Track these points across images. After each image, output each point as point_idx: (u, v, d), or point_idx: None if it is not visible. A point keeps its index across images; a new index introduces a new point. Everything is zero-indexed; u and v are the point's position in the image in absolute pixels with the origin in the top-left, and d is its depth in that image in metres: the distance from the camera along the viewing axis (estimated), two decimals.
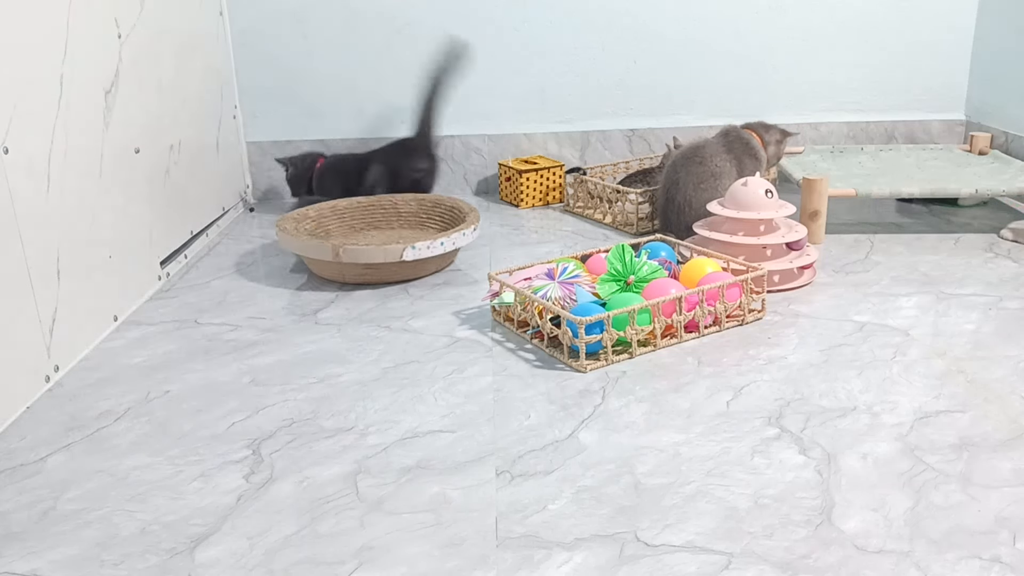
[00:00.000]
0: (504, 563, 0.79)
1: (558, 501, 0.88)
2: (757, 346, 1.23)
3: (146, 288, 1.48)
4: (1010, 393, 1.07)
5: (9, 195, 1.07)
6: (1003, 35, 2.00)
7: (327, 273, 1.51)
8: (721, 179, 1.59)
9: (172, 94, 1.63)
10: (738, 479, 0.90)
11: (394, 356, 1.22)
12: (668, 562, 0.78)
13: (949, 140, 2.15)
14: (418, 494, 0.89)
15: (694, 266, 1.32)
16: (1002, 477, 0.90)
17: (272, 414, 1.07)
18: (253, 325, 1.34)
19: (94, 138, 1.31)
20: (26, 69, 1.13)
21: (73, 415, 1.08)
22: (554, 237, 1.75)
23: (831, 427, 1.00)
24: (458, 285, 1.50)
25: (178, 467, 0.96)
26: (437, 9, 2.01)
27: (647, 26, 2.06)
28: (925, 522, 0.83)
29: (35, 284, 1.12)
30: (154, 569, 0.79)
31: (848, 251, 1.62)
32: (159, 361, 1.23)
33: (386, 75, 2.04)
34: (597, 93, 2.10)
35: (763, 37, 2.07)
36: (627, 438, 0.99)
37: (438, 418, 1.05)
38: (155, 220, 1.52)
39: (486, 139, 2.09)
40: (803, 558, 0.78)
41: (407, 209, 1.73)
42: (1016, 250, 1.60)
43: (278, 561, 0.80)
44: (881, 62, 2.11)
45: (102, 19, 1.35)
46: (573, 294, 1.25)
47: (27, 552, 0.82)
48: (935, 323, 1.28)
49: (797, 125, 2.12)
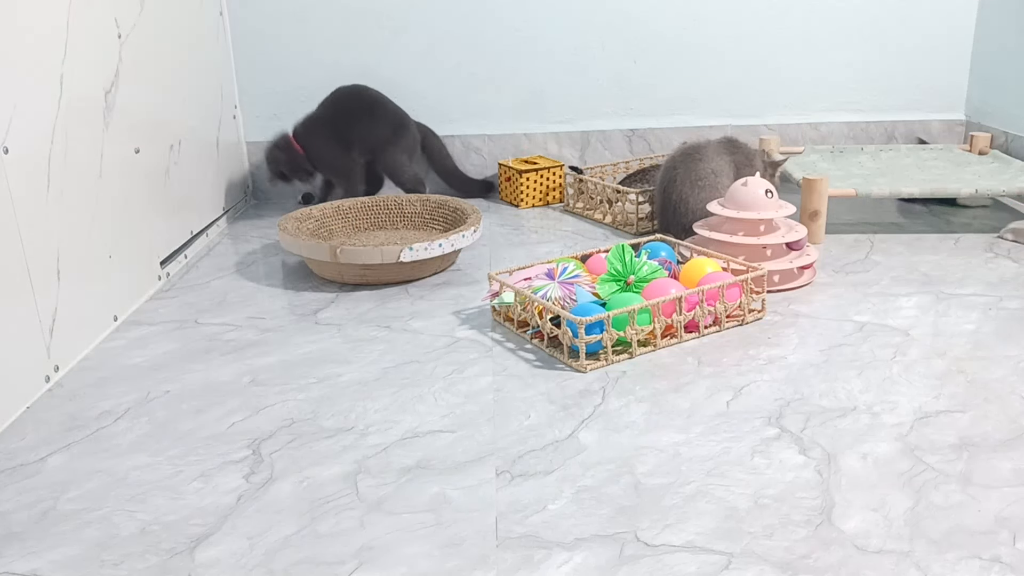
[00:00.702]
0: (504, 563, 0.79)
1: (558, 501, 0.88)
2: (757, 346, 1.23)
3: (146, 288, 1.48)
4: (1010, 393, 1.07)
5: (9, 195, 1.07)
6: (1003, 35, 2.00)
7: (327, 273, 1.51)
8: (719, 178, 1.59)
9: (172, 94, 1.63)
10: (738, 479, 0.90)
11: (394, 356, 1.22)
12: (668, 562, 0.78)
13: (949, 140, 2.16)
14: (418, 494, 0.89)
15: (694, 266, 1.32)
16: (1002, 477, 0.90)
17: (272, 414, 1.07)
18: (253, 325, 1.34)
19: (94, 138, 1.31)
20: (26, 69, 1.13)
21: (73, 415, 1.08)
22: (554, 237, 1.75)
23: (831, 427, 1.00)
24: (458, 285, 1.50)
25: (178, 467, 0.96)
26: (437, 9, 2.01)
27: (647, 26, 2.06)
28: (925, 522, 0.83)
29: (35, 284, 1.12)
30: (154, 569, 0.79)
31: (848, 251, 1.62)
32: (159, 361, 1.23)
33: (386, 75, 2.04)
34: (597, 93, 2.10)
35: (763, 37, 2.08)
36: (627, 438, 0.99)
37: (438, 418, 1.05)
38: (155, 220, 1.52)
39: (486, 139, 2.09)
40: (803, 558, 0.78)
41: (411, 209, 1.73)
42: (1016, 250, 1.60)
43: (278, 561, 0.80)
44: (881, 62, 2.11)
45: (102, 19, 1.35)
46: (573, 294, 1.25)
47: (27, 552, 0.82)
48: (935, 323, 1.28)
49: (797, 125, 2.12)
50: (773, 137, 1.98)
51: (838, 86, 2.12)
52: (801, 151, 1.99)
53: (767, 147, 1.95)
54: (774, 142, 1.97)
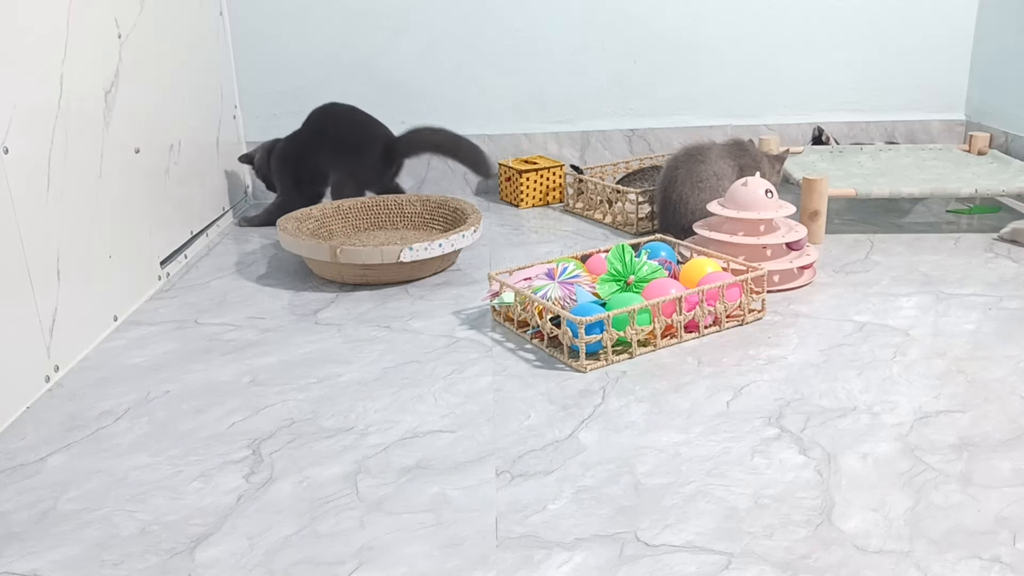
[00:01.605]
0: (504, 563, 0.79)
1: (558, 501, 0.88)
2: (757, 346, 1.23)
3: (146, 288, 1.48)
4: (1010, 393, 1.07)
5: (9, 195, 1.07)
6: (1003, 35, 2.00)
7: (327, 273, 1.51)
8: (721, 181, 1.58)
9: (172, 94, 1.63)
10: (738, 479, 0.90)
11: (394, 356, 1.22)
12: (668, 562, 0.78)
13: (949, 140, 2.16)
14: (418, 494, 0.89)
15: (694, 266, 1.32)
16: (1002, 477, 0.90)
17: (272, 414, 1.07)
18: (253, 325, 1.34)
19: (94, 138, 1.31)
20: (26, 69, 1.13)
21: (73, 415, 1.08)
22: (554, 237, 1.75)
23: (831, 427, 1.00)
24: (458, 285, 1.50)
25: (178, 467, 0.96)
26: (437, 9, 2.01)
27: (647, 26, 2.06)
28: (925, 522, 0.83)
29: (35, 284, 1.12)
30: (154, 569, 0.79)
31: (848, 251, 1.62)
32: (159, 361, 1.23)
33: (386, 75, 2.04)
34: (597, 93, 2.10)
35: (763, 37, 2.08)
36: (627, 438, 0.99)
37: (438, 418, 1.05)
38: (155, 220, 1.52)
39: (486, 139, 2.09)
40: (803, 558, 0.78)
41: (411, 210, 1.73)
42: (1016, 250, 1.60)
43: (278, 561, 0.80)
44: (881, 62, 2.11)
45: (102, 19, 1.35)
46: (573, 294, 1.25)
47: (27, 552, 0.82)
48: (935, 323, 1.28)
49: (797, 125, 2.12)
50: (773, 137, 1.98)
51: (838, 86, 2.12)
52: (801, 151, 1.99)
53: (767, 147, 1.95)
54: (774, 142, 1.96)
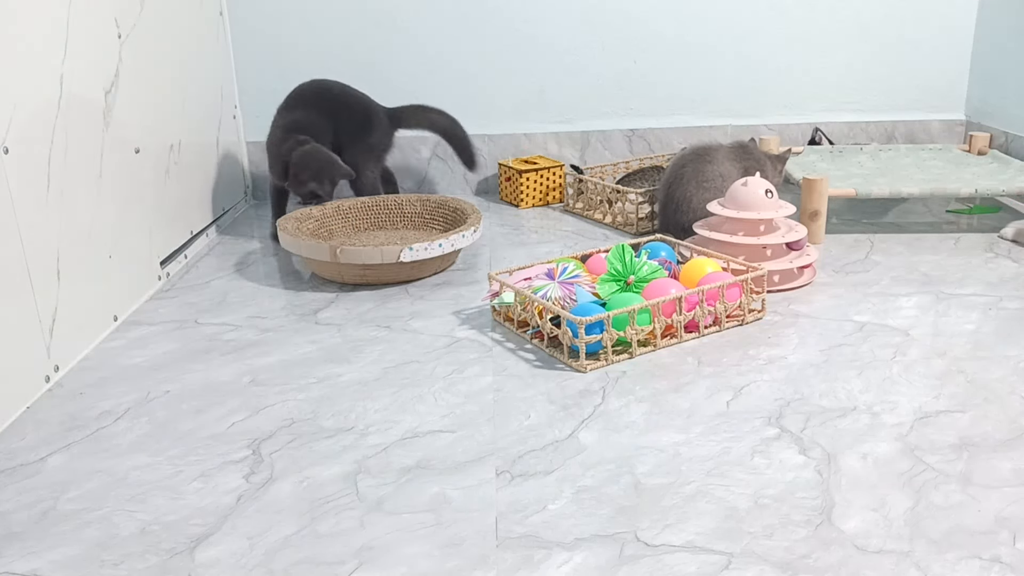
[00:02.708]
0: (504, 563, 0.79)
1: (558, 501, 0.88)
2: (757, 346, 1.23)
3: (146, 288, 1.48)
4: (1010, 393, 1.07)
5: (9, 195, 1.07)
6: (1003, 35, 2.00)
7: (327, 273, 1.51)
8: (726, 182, 1.58)
9: (172, 94, 1.63)
10: (738, 479, 0.90)
11: (394, 356, 1.22)
12: (668, 562, 0.78)
13: (949, 140, 2.16)
14: (418, 494, 0.89)
15: (694, 266, 1.32)
16: (1002, 477, 0.90)
17: (272, 414, 1.07)
18: (253, 325, 1.34)
19: (94, 138, 1.31)
20: (26, 69, 1.13)
21: (73, 415, 1.08)
22: (554, 237, 1.75)
23: (831, 427, 1.00)
24: (458, 285, 1.50)
25: (178, 467, 0.96)
26: (437, 9, 2.01)
27: (647, 26, 2.06)
28: (925, 522, 0.83)
29: (35, 284, 1.12)
30: (154, 569, 0.79)
31: (848, 251, 1.62)
32: (159, 361, 1.23)
33: (386, 75, 2.04)
34: (597, 93, 2.10)
35: (763, 37, 2.07)
36: (627, 438, 0.99)
37: (438, 418, 1.05)
38: (155, 220, 1.52)
39: (486, 139, 2.09)
40: (803, 558, 0.78)
41: (411, 209, 1.73)
42: (1016, 250, 1.60)
43: (278, 561, 0.80)
44: (881, 62, 2.11)
45: (102, 19, 1.35)
46: (573, 294, 1.25)
47: (27, 552, 0.82)
48: (935, 323, 1.28)
49: (797, 125, 2.12)
50: (773, 137, 1.98)
51: (838, 86, 2.12)
52: (801, 151, 1.99)
53: (767, 147, 1.95)
54: (774, 142, 1.96)
